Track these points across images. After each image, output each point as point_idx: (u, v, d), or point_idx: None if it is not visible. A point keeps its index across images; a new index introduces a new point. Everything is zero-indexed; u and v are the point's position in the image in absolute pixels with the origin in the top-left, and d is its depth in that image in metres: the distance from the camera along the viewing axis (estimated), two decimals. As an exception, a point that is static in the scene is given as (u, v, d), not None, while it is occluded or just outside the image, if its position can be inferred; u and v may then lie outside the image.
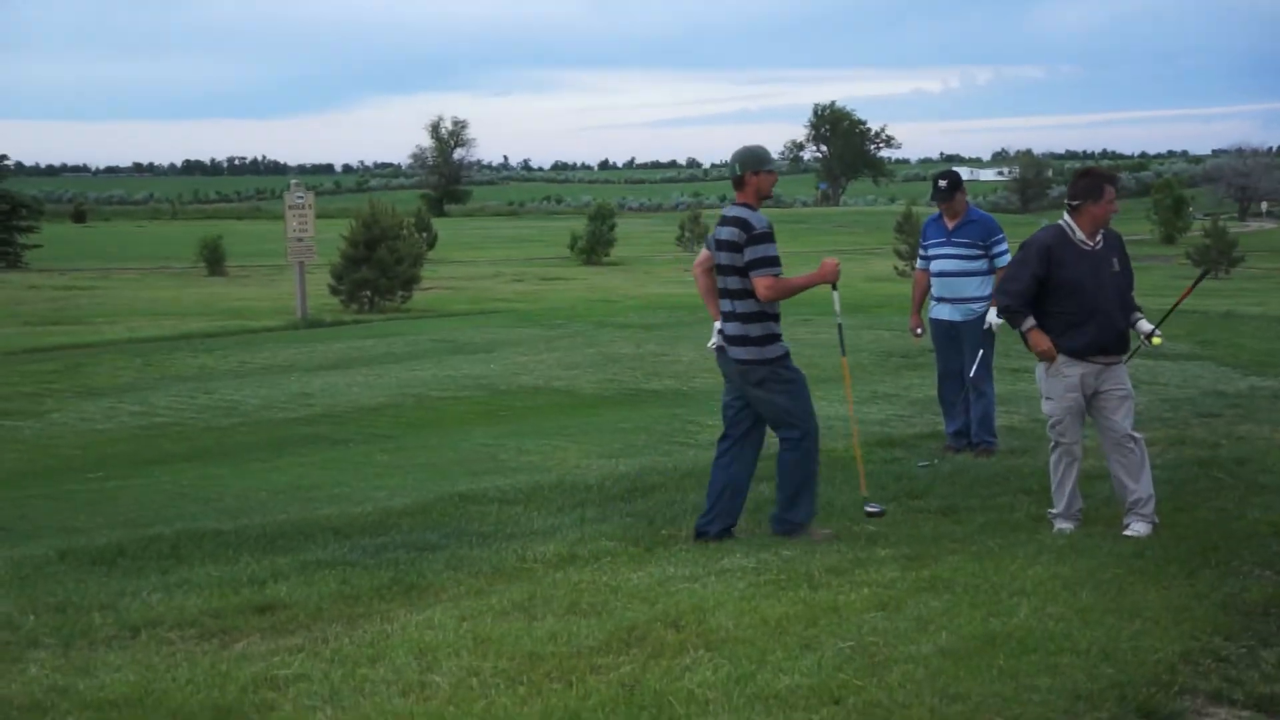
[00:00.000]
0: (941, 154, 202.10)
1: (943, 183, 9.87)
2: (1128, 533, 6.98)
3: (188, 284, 37.51)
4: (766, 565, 6.59)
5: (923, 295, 10.13)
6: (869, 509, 7.73)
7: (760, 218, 7.16)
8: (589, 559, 6.87)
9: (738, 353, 7.29)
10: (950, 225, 9.90)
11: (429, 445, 11.60)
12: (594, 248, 48.48)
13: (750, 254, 7.10)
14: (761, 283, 7.08)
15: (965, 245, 9.81)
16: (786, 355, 7.33)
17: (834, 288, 7.40)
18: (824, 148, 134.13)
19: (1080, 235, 7.12)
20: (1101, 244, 7.15)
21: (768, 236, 7.13)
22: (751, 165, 7.31)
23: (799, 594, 5.97)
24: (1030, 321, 7.14)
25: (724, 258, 7.25)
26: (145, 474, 10.71)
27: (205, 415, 13.48)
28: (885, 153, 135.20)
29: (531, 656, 5.25)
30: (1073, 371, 7.18)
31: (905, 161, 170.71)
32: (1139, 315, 7.31)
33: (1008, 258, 9.83)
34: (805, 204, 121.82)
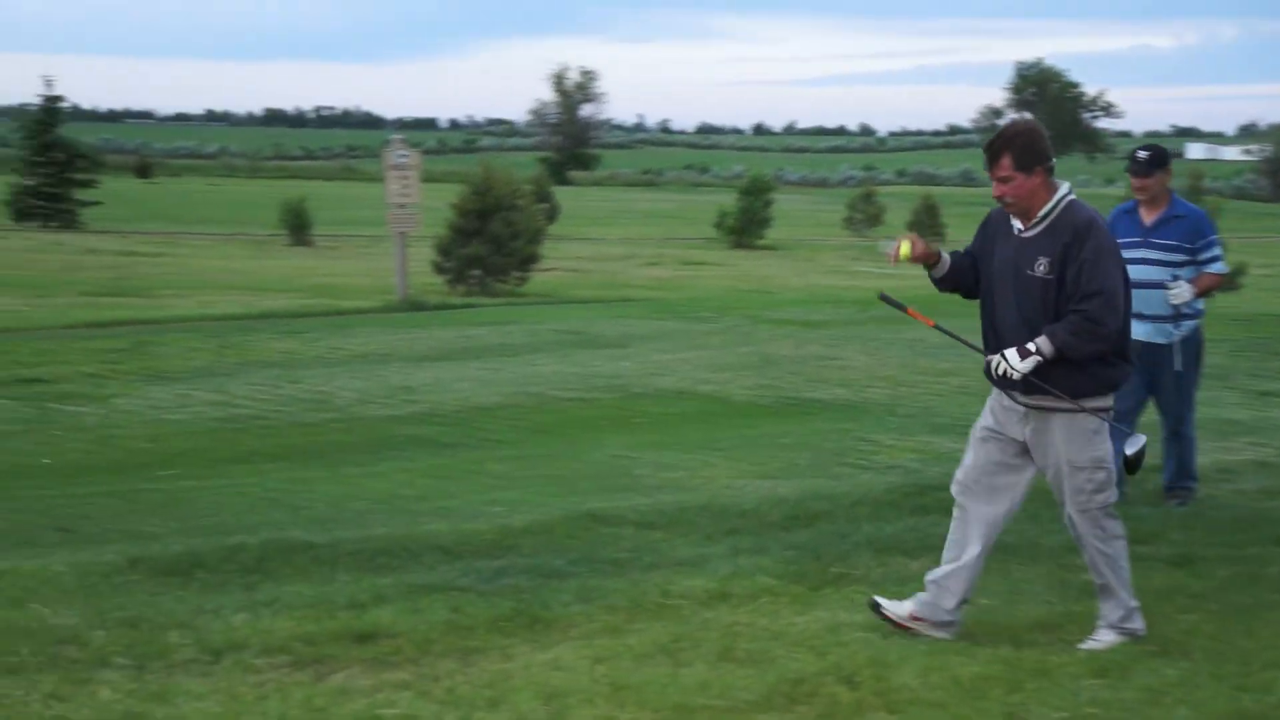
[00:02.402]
0: (1173, 126, 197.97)
1: (1143, 154, 9.29)
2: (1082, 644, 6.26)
3: (267, 254, 38.42)
4: (960, 615, 6.58)
5: None
6: None
7: None
8: (744, 598, 6.94)
9: None
10: (1148, 220, 9.27)
11: (552, 454, 11.76)
12: (745, 228, 48.47)
13: None
14: None
15: (1168, 248, 9.20)
16: None
17: None
18: (1027, 115, 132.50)
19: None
20: (1038, 231, 6.22)
21: None
22: None
23: (999, 652, 5.98)
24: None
25: None
26: (224, 474, 11.03)
27: (292, 409, 13.82)
28: (1103, 123, 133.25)
29: (678, 709, 5.34)
30: (989, 402, 6.53)
31: (1127, 135, 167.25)
32: (1039, 338, 6.11)
33: (1221, 265, 9.37)
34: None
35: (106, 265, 32.90)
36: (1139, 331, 9.31)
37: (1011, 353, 6.12)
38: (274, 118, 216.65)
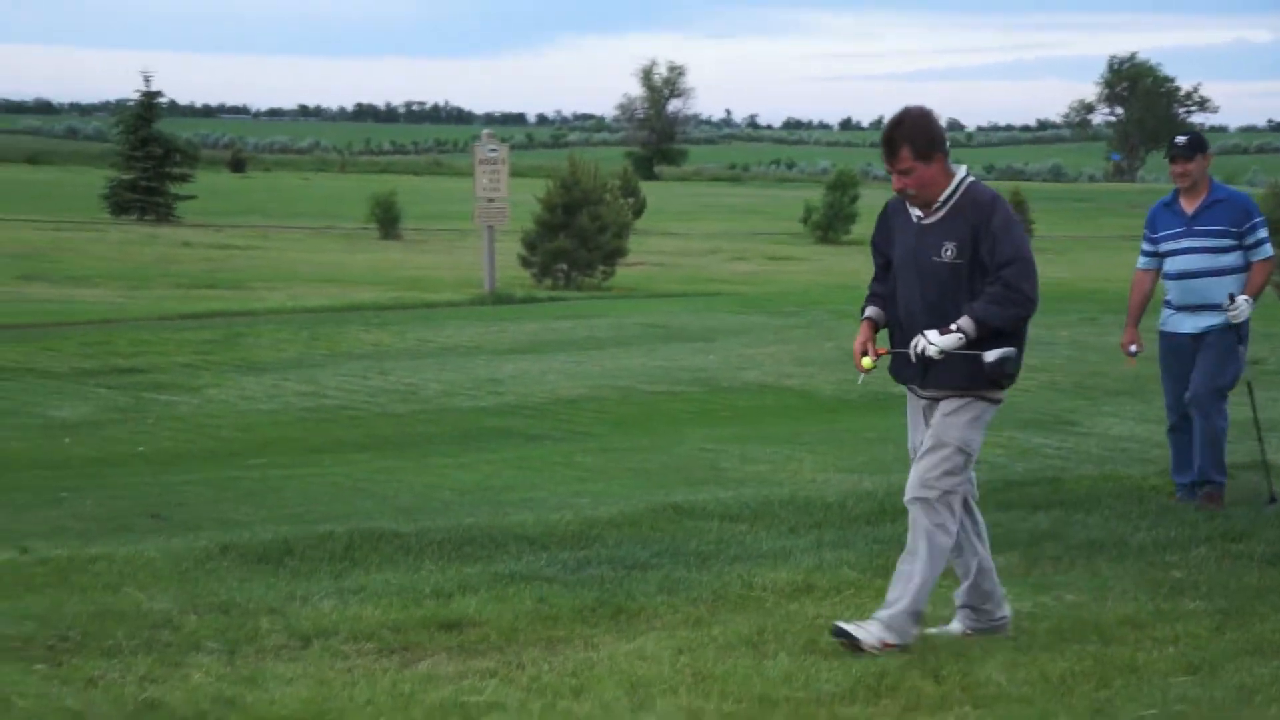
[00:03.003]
0: (1270, 121, 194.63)
1: (1182, 139, 9.06)
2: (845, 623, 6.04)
3: (358, 247, 38.75)
4: (1046, 611, 6.56)
5: (1143, 303, 9.32)
6: None
7: None
8: (828, 590, 6.91)
9: None
10: (1190, 209, 8.99)
11: (638, 447, 11.79)
12: (832, 223, 48.26)
13: None
14: None
15: (1213, 234, 8.88)
16: None
17: None
18: (1119, 110, 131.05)
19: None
20: (940, 216, 6.05)
21: None
22: None
23: (1087, 648, 5.92)
24: (865, 311, 6.36)
25: None
26: (313, 463, 11.17)
27: (380, 399, 13.96)
28: (1197, 118, 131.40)
29: (762, 700, 5.33)
30: (909, 403, 6.40)
31: (1222, 129, 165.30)
32: (961, 320, 5.95)
33: (1269, 249, 9.02)
34: (1093, 178, 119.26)
35: (201, 258, 33.36)
36: (1188, 325, 9.02)
37: (932, 332, 5.97)
38: (365, 113, 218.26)
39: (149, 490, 10.11)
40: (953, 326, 5.95)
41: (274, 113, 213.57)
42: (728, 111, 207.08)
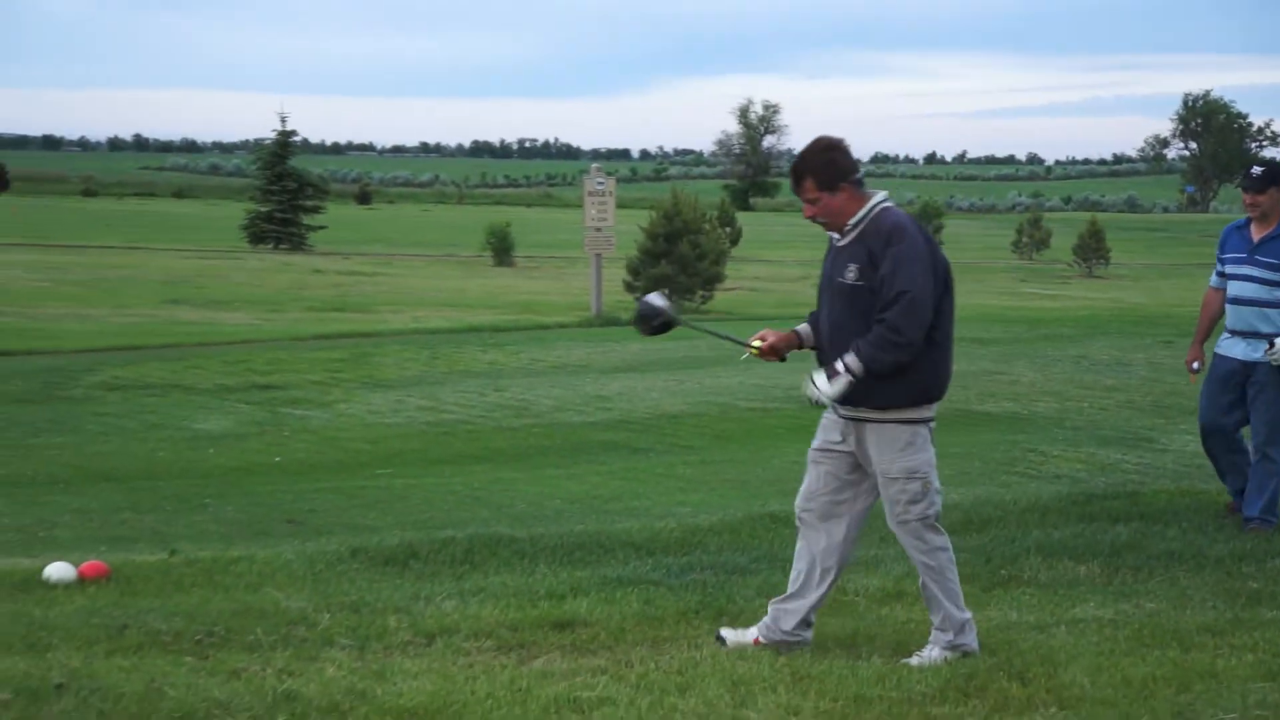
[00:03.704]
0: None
1: (1257, 170, 8.60)
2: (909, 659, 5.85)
3: (474, 273, 39.01)
4: (1127, 618, 6.44)
5: (1212, 321, 8.94)
6: None
7: None
8: (917, 596, 6.79)
9: None
10: (1256, 237, 8.54)
11: (736, 459, 11.75)
12: (917, 250, 47.92)
13: None
14: None
15: (1269, 267, 8.44)
16: None
17: None
18: (1193, 144, 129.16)
19: None
20: (850, 240, 5.87)
21: None
22: None
23: (1168, 654, 5.81)
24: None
25: None
26: (435, 473, 11.23)
27: (496, 415, 14.01)
28: (1270, 152, 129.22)
29: (857, 699, 5.29)
30: (821, 419, 6.13)
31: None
32: (847, 357, 5.71)
33: None
34: (1167, 209, 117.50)
35: (330, 284, 33.72)
36: (1239, 350, 8.65)
37: (819, 376, 5.78)
38: (481, 149, 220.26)
39: (285, 498, 10.23)
40: (839, 367, 5.72)
41: (397, 149, 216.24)
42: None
